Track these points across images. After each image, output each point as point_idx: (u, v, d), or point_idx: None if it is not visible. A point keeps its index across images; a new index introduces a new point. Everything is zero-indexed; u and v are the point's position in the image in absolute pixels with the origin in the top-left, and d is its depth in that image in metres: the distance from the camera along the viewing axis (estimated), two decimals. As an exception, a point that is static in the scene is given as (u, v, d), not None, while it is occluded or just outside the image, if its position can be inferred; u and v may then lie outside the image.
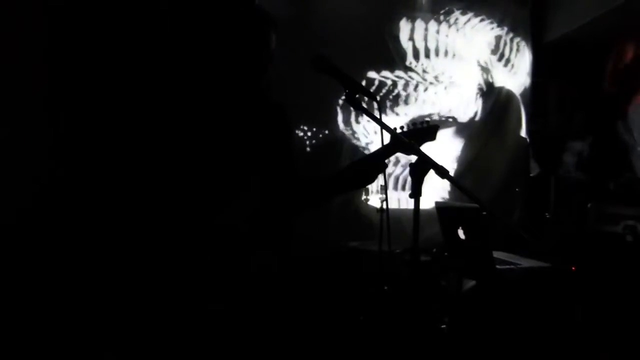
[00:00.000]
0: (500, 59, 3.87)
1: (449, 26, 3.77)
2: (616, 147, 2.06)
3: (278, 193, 1.56)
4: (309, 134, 3.51)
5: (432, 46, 3.75)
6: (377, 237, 3.10)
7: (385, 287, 3.06)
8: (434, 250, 3.24)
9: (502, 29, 3.84)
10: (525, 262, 2.31)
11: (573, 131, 2.19)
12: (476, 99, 3.84)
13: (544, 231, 3.34)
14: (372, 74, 3.62)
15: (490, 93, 3.84)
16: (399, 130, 1.58)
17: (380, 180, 3.50)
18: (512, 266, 2.23)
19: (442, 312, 2.59)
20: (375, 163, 1.58)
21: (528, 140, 3.88)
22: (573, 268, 1.82)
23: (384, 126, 1.54)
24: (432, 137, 1.61)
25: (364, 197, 3.58)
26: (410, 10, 3.70)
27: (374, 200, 3.50)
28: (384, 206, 3.29)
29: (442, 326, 2.57)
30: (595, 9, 3.15)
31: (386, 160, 1.62)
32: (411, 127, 1.60)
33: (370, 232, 3.37)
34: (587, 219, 2.05)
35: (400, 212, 3.50)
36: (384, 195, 3.35)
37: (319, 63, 1.54)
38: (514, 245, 2.73)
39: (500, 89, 3.85)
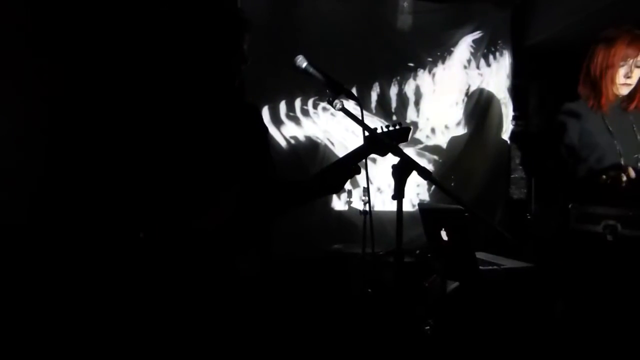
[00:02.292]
0: (481, 62, 3.90)
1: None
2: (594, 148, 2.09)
3: (256, 195, 1.54)
4: (288, 134, 3.51)
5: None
6: (361, 240, 3.10)
7: (369, 290, 3.05)
8: (417, 251, 3.25)
9: (483, 33, 3.87)
10: (508, 263, 2.32)
11: (553, 132, 2.20)
12: (458, 101, 3.87)
13: (525, 232, 3.37)
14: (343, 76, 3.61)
15: (471, 95, 3.87)
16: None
17: (364, 182, 3.56)
18: (494, 267, 2.24)
19: (426, 313, 2.59)
20: (347, 168, 1.56)
21: (509, 141, 3.92)
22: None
23: (365, 127, 1.53)
24: (404, 139, 1.61)
25: (347, 199, 3.58)
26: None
27: (357, 202, 3.49)
28: (367, 208, 3.30)
29: (426, 327, 2.57)
30: (573, 14, 3.21)
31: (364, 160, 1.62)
32: (384, 129, 1.59)
33: (355, 234, 3.37)
34: (568, 219, 2.06)
35: (383, 214, 3.51)
36: (367, 198, 3.36)
37: (299, 66, 1.53)
38: (497, 246, 2.74)
39: (481, 91, 3.88)
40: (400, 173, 1.48)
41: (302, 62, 1.56)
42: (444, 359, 2.41)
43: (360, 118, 1.56)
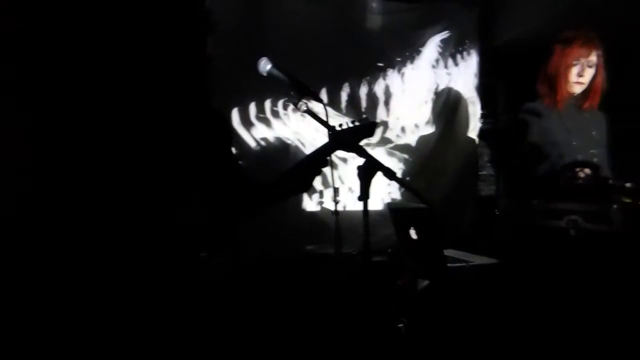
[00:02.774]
0: (449, 62, 3.95)
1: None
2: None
3: (222, 199, 1.53)
4: (258, 136, 3.49)
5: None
6: (333, 240, 3.10)
7: (342, 290, 3.06)
8: (389, 250, 3.27)
9: (451, 33, 3.92)
10: (476, 259, 2.36)
11: (516, 131, 2.27)
12: (427, 100, 3.91)
13: (494, 228, 3.43)
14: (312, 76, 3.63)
15: (440, 95, 3.91)
16: (337, 128, 1.58)
17: (336, 182, 3.57)
18: (463, 264, 2.27)
19: (399, 312, 2.61)
20: (313, 165, 1.57)
21: (477, 139, 3.98)
22: None
23: (330, 128, 1.54)
24: (370, 134, 1.62)
25: (319, 199, 3.58)
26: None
27: (329, 202, 3.49)
28: (338, 208, 3.31)
29: (400, 325, 2.59)
30: (536, 16, 3.29)
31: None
32: (350, 124, 1.60)
33: (327, 235, 3.37)
34: (534, 215, 2.10)
35: (356, 214, 3.51)
36: (338, 198, 3.37)
37: (263, 68, 1.53)
38: (466, 243, 2.78)
39: (450, 90, 3.93)
40: (366, 174, 1.49)
41: (265, 64, 1.56)
42: (418, 355, 2.43)
43: (325, 119, 1.57)
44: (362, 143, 1.68)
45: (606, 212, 1.74)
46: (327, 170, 1.62)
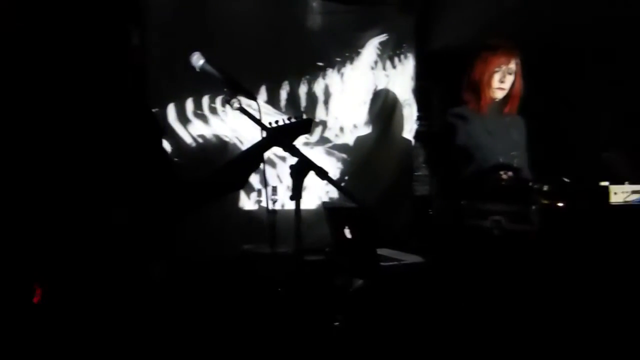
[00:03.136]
0: (387, 64, 4.03)
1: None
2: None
3: (154, 198, 1.48)
4: (195, 133, 3.41)
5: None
6: (270, 239, 3.09)
7: (279, 289, 3.05)
8: (327, 249, 3.29)
9: (389, 36, 4.00)
10: (409, 258, 2.42)
11: (448, 133, 2.37)
12: (365, 101, 3.97)
13: (428, 227, 3.54)
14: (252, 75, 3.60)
15: (378, 96, 3.99)
16: (273, 125, 1.57)
17: (273, 181, 3.55)
18: (395, 262, 2.33)
19: (336, 310, 2.63)
20: (248, 163, 1.55)
21: (413, 141, 4.09)
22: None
23: (263, 127, 1.52)
24: (306, 131, 1.63)
25: (257, 198, 3.55)
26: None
27: (266, 201, 3.47)
28: (274, 207, 3.30)
29: (336, 323, 2.61)
30: (468, 24, 3.43)
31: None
32: (286, 121, 1.60)
33: (265, 234, 3.34)
34: (462, 215, 2.19)
35: (293, 213, 3.50)
36: (275, 197, 3.36)
37: (195, 63, 1.49)
38: (401, 242, 2.85)
39: (387, 91, 4.01)
40: (298, 173, 1.49)
41: (198, 59, 1.51)
42: (354, 353, 2.46)
43: (259, 118, 1.55)
44: (300, 140, 1.69)
45: (526, 213, 1.84)
46: (266, 168, 1.60)
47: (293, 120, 1.62)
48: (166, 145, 3.32)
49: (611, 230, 1.82)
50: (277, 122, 1.60)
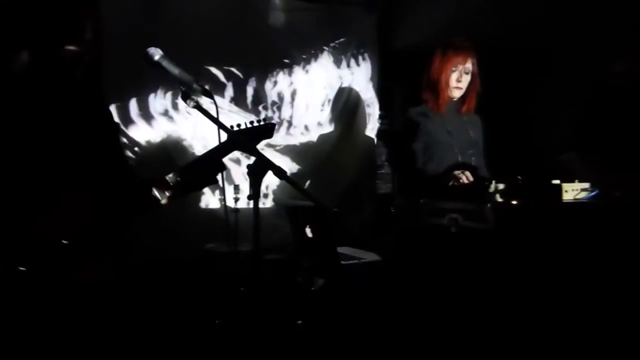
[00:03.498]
0: (351, 62, 4.05)
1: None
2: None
3: (108, 197, 1.44)
4: (158, 129, 3.35)
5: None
6: (232, 238, 3.06)
7: (242, 289, 3.02)
8: (290, 248, 3.28)
9: (352, 34, 4.02)
10: (369, 256, 2.44)
11: (409, 132, 2.40)
12: (329, 99, 3.98)
13: (389, 225, 3.58)
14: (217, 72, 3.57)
15: (341, 94, 4.00)
16: (235, 128, 1.55)
17: (236, 180, 3.51)
18: (356, 261, 2.34)
19: (298, 309, 2.64)
20: (208, 165, 1.53)
21: (375, 139, 4.13)
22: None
23: (221, 126, 1.50)
24: (269, 135, 1.61)
25: (219, 196, 3.51)
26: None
27: (229, 200, 3.43)
28: (239, 206, 3.27)
29: (298, 322, 2.61)
30: (429, 24, 3.49)
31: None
32: (248, 125, 1.58)
33: (227, 233, 3.31)
34: (421, 213, 2.22)
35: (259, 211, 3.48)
36: (238, 195, 3.33)
37: (150, 58, 1.45)
38: (364, 240, 2.87)
39: (350, 90, 4.03)
40: (256, 173, 1.47)
41: (154, 54, 1.47)
42: (317, 352, 2.47)
43: (216, 116, 1.53)
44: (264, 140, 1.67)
45: (482, 211, 1.88)
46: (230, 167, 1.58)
47: (255, 124, 1.60)
48: (125, 141, 3.25)
49: (563, 226, 1.88)
50: (239, 125, 1.58)
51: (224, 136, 1.51)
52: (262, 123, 1.62)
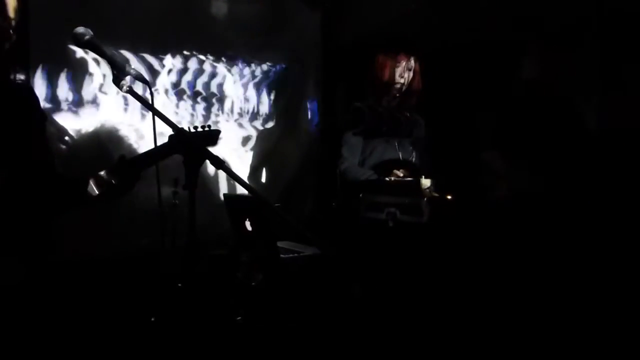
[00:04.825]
0: (293, 58, 4.03)
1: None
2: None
3: (28, 190, 1.35)
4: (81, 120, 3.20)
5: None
6: (170, 233, 2.97)
7: (179, 284, 2.95)
8: (230, 242, 3.23)
9: (296, 30, 3.99)
10: (309, 250, 2.44)
11: (351, 127, 2.43)
12: (273, 94, 3.95)
13: (330, 219, 3.61)
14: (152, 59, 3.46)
15: (284, 89, 3.99)
16: (179, 132, 1.49)
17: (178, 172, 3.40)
18: (295, 254, 2.34)
19: (238, 304, 2.60)
20: (143, 166, 1.47)
21: (317, 134, 4.14)
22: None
23: (152, 109, 1.43)
24: (214, 142, 1.56)
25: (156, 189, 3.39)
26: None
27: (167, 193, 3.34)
28: (176, 200, 3.18)
29: (238, 318, 2.58)
30: (373, 22, 3.54)
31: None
32: (192, 129, 1.53)
33: (165, 227, 3.22)
34: (360, 208, 2.25)
35: (197, 205, 3.40)
36: (177, 189, 3.23)
37: (80, 39, 1.37)
38: (303, 234, 2.86)
39: (293, 84, 4.02)
40: (192, 162, 1.43)
41: (85, 33, 1.39)
42: (256, 347, 2.45)
43: (151, 102, 1.47)
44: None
45: (418, 205, 1.94)
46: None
47: (200, 129, 1.55)
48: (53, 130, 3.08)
49: (492, 220, 1.98)
50: (182, 129, 1.51)
51: (158, 123, 1.44)
52: (207, 129, 1.57)
